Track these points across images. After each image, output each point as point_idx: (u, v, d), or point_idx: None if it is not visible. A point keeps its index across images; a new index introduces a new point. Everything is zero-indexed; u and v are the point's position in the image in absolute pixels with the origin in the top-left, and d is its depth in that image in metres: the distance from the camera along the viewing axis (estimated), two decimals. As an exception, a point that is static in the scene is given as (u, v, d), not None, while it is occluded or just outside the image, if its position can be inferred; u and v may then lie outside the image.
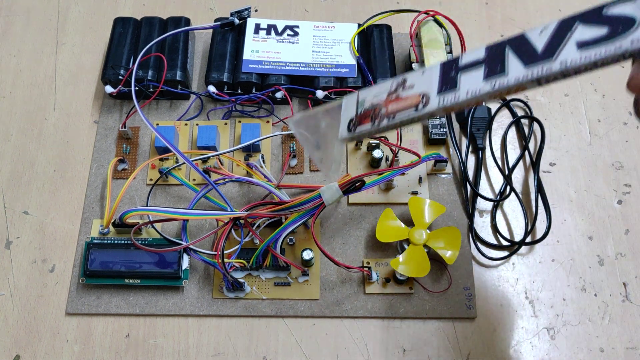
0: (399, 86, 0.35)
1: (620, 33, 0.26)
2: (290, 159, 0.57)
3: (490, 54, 0.31)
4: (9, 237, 0.54)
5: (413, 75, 0.35)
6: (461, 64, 0.32)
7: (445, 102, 0.32)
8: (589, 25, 0.28)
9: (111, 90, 0.57)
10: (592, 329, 0.50)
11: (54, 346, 0.50)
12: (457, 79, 0.32)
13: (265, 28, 0.60)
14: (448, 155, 0.57)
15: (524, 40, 0.30)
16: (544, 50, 0.29)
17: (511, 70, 0.30)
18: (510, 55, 0.30)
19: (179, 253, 0.50)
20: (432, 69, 0.34)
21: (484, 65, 0.31)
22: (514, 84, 0.30)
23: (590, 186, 0.56)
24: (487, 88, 0.30)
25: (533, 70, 0.29)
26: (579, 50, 0.28)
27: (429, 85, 0.33)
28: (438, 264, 0.52)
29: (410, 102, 0.34)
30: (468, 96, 0.31)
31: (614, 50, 0.27)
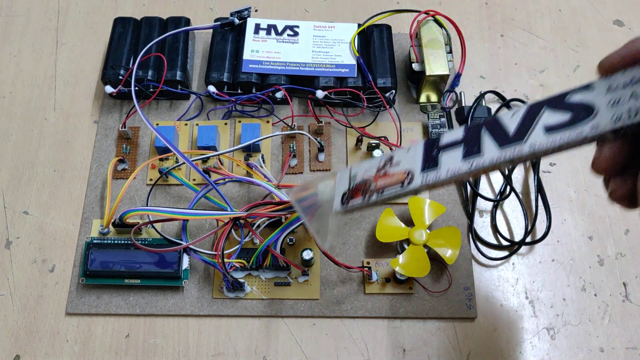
0: (387, 163, 0.38)
1: (581, 119, 0.29)
2: (290, 159, 0.57)
3: (468, 134, 0.34)
4: (9, 237, 0.54)
5: (399, 153, 0.38)
6: (442, 144, 0.35)
7: (427, 180, 0.35)
8: (554, 110, 0.30)
9: (111, 90, 0.57)
10: (592, 329, 0.50)
11: (54, 346, 0.50)
12: (439, 158, 0.35)
13: (265, 28, 0.60)
14: (448, 155, 0.57)
15: (497, 123, 0.32)
16: (515, 133, 0.31)
17: (486, 151, 0.32)
18: (486, 137, 0.32)
19: (179, 253, 0.50)
20: (416, 147, 0.37)
21: (463, 145, 0.34)
22: (489, 165, 0.32)
23: (590, 186, 0.56)
24: (465, 168, 0.33)
25: (506, 152, 0.31)
26: (546, 134, 0.30)
27: (414, 163, 0.36)
28: (438, 264, 0.52)
29: (397, 179, 0.37)
30: (448, 175, 0.34)
31: (576, 135, 0.29)
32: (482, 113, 0.57)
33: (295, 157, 0.57)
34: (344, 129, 0.58)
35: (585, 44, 0.63)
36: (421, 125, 0.58)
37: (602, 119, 0.28)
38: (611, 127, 0.28)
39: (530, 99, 0.60)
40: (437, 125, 0.57)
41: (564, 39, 0.64)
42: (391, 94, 0.57)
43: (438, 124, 0.57)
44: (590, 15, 0.65)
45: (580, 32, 0.64)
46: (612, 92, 0.28)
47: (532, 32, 0.65)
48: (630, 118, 0.27)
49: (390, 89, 0.57)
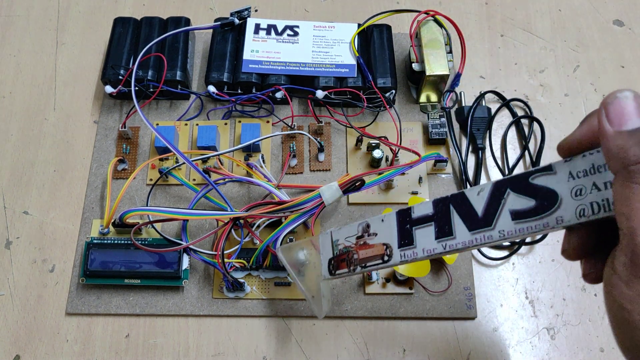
0: (364, 231, 0.39)
1: (546, 209, 0.29)
2: (290, 159, 0.57)
3: (437, 210, 0.35)
4: (9, 237, 0.54)
5: (374, 222, 0.39)
6: (414, 217, 0.36)
7: (406, 258, 0.36)
8: (519, 194, 0.30)
9: (111, 90, 0.57)
10: (592, 329, 0.50)
11: (54, 346, 0.50)
12: (413, 234, 0.36)
13: (265, 28, 0.60)
14: (448, 155, 0.57)
15: (465, 199, 0.33)
16: (483, 215, 0.32)
17: (458, 234, 0.33)
18: (455, 217, 0.33)
19: (179, 253, 0.50)
20: (389, 217, 0.38)
21: (434, 224, 0.35)
22: (462, 248, 0.33)
23: (590, 186, 0.56)
24: (440, 249, 0.34)
25: (477, 236, 0.32)
26: (513, 222, 0.30)
27: (390, 236, 0.37)
28: (438, 264, 0.52)
29: (377, 252, 0.38)
30: (425, 254, 0.35)
31: (542, 226, 0.29)
32: (482, 113, 0.57)
33: (295, 157, 0.57)
34: (344, 129, 0.58)
35: (585, 44, 0.63)
36: (421, 125, 0.58)
37: (567, 211, 0.28)
38: (576, 220, 0.28)
39: (530, 99, 0.60)
40: (437, 125, 0.57)
41: (564, 39, 0.64)
42: (391, 94, 0.57)
43: (438, 124, 0.57)
44: (590, 15, 0.65)
45: (580, 32, 0.64)
46: (574, 179, 0.28)
47: (532, 32, 0.65)
48: (594, 214, 0.27)
49: (390, 89, 0.57)
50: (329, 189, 0.48)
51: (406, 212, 0.37)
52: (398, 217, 0.37)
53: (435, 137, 0.56)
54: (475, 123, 0.57)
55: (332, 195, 0.48)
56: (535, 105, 0.60)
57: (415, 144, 0.57)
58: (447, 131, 0.57)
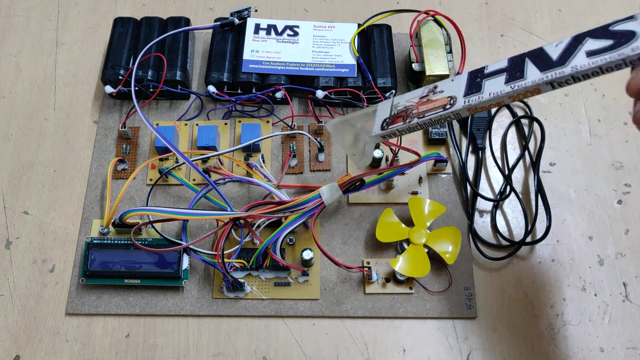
0: (430, 92, 0.41)
1: (623, 43, 0.31)
2: (290, 159, 0.57)
3: (512, 63, 0.36)
4: (9, 237, 0.54)
5: (443, 83, 0.41)
6: (487, 72, 0.38)
7: (470, 102, 0.37)
8: (597, 38, 0.33)
9: (111, 90, 0.57)
10: (592, 329, 0.50)
11: (54, 346, 0.50)
12: (482, 84, 0.37)
13: (265, 28, 0.60)
14: (448, 155, 0.57)
15: (542, 52, 0.35)
16: (558, 59, 0.34)
17: (529, 75, 0.35)
18: (529, 64, 0.35)
19: (179, 253, 0.50)
20: (460, 77, 0.40)
21: (506, 73, 0.36)
22: (531, 86, 0.34)
23: (590, 186, 0.56)
24: (507, 89, 0.36)
25: (548, 74, 0.34)
26: (588, 58, 0.32)
27: (457, 90, 0.39)
28: (438, 264, 0.52)
29: (440, 104, 0.39)
30: (490, 97, 0.36)
31: (617, 56, 0.31)
32: (482, 113, 0.57)
33: (295, 157, 0.57)
34: (344, 129, 0.58)
35: (585, 44, 0.63)
36: (421, 125, 0.58)
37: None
38: None
39: (531, 99, 0.60)
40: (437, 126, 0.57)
41: (564, 39, 0.64)
42: (391, 93, 0.57)
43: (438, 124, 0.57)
44: (590, 15, 0.65)
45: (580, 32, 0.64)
46: None
47: (532, 32, 0.65)
48: None
49: (390, 89, 0.57)
50: (329, 189, 0.48)
51: (479, 70, 0.38)
52: (470, 74, 0.39)
53: (435, 137, 0.56)
54: (475, 123, 0.57)
55: (332, 196, 0.48)
56: (535, 105, 0.60)
57: (415, 144, 0.57)
58: (447, 131, 0.57)
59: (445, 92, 0.39)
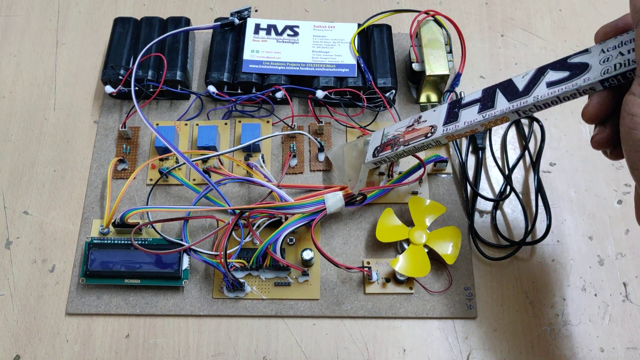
0: (415, 121, 0.45)
1: (577, 74, 0.35)
2: (291, 159, 0.57)
3: (485, 94, 0.40)
4: (9, 237, 0.54)
5: (427, 113, 0.45)
6: (463, 103, 0.42)
7: (447, 131, 0.42)
8: (556, 70, 0.36)
9: (111, 90, 0.57)
10: (592, 329, 0.50)
11: (54, 346, 0.50)
12: (459, 113, 0.42)
13: (265, 28, 0.60)
14: (448, 155, 0.57)
15: (510, 83, 0.39)
16: (523, 90, 0.37)
17: (498, 104, 0.39)
18: (499, 94, 0.39)
19: (179, 253, 0.50)
20: (441, 107, 0.44)
21: (479, 103, 0.40)
22: (499, 114, 0.38)
23: (590, 186, 0.56)
24: (479, 118, 0.40)
25: (514, 103, 0.38)
26: (547, 88, 0.36)
27: (438, 119, 0.43)
28: (438, 264, 0.52)
29: (422, 132, 0.44)
30: (465, 125, 0.41)
31: (571, 86, 0.35)
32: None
33: (295, 157, 0.57)
34: (344, 129, 0.58)
35: (585, 44, 0.63)
36: (421, 125, 0.58)
37: (593, 73, 0.34)
38: (600, 77, 0.33)
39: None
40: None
41: (564, 39, 0.64)
42: (391, 93, 0.57)
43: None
44: (590, 15, 0.65)
45: (580, 32, 0.64)
46: (604, 53, 0.34)
47: (532, 32, 0.65)
48: (616, 69, 0.33)
49: (390, 89, 0.57)
50: (334, 197, 0.49)
51: (457, 101, 0.42)
52: (449, 105, 0.43)
53: (458, 98, 0.56)
54: (475, 123, 0.57)
55: (335, 204, 0.49)
56: (535, 105, 0.60)
57: (415, 144, 0.57)
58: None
59: (428, 122, 0.44)
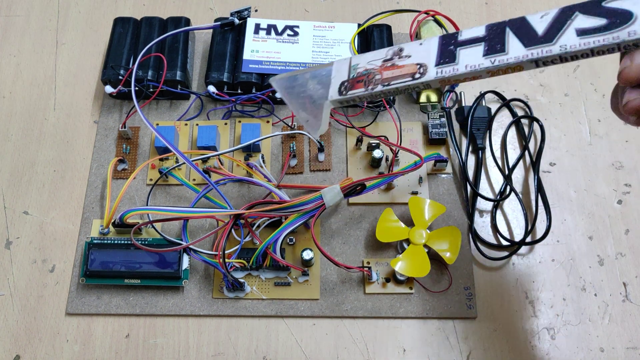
0: (395, 55, 0.36)
1: (618, 25, 0.28)
2: (290, 159, 0.57)
3: (491, 32, 0.32)
4: (9, 237, 0.54)
5: (410, 46, 0.36)
6: (460, 39, 0.33)
7: (443, 74, 0.33)
8: (588, 15, 0.29)
9: (111, 90, 0.57)
10: (592, 329, 0.50)
11: (54, 346, 0.50)
12: (456, 53, 0.33)
13: (265, 28, 0.60)
14: (448, 155, 0.57)
15: (524, 22, 0.31)
16: (545, 34, 0.30)
17: (511, 49, 0.31)
18: (511, 36, 0.31)
19: (179, 253, 0.50)
20: (430, 40, 0.35)
21: (484, 43, 0.32)
22: (514, 63, 0.31)
23: (590, 186, 0.56)
24: (487, 64, 0.32)
25: (533, 51, 0.30)
26: (578, 37, 0.29)
27: (427, 57, 0.34)
28: (438, 264, 0.52)
29: (407, 71, 0.35)
30: (467, 70, 0.32)
31: (611, 39, 0.28)
32: (482, 113, 0.57)
33: (295, 157, 0.57)
34: (344, 129, 0.58)
35: (585, 44, 0.63)
36: (421, 125, 0.58)
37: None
38: None
39: (530, 99, 0.60)
40: (437, 125, 0.57)
41: (564, 39, 0.64)
42: (391, 94, 0.57)
43: (438, 124, 0.57)
44: (590, 15, 0.65)
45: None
46: None
47: (532, 32, 0.65)
48: None
49: (390, 89, 0.57)
50: (331, 191, 0.49)
51: (452, 35, 0.34)
52: (441, 40, 0.34)
53: (435, 137, 0.56)
54: (475, 123, 0.57)
55: (333, 198, 0.48)
56: (535, 105, 0.60)
57: (415, 144, 0.57)
58: (447, 131, 0.57)
59: (414, 58, 0.35)
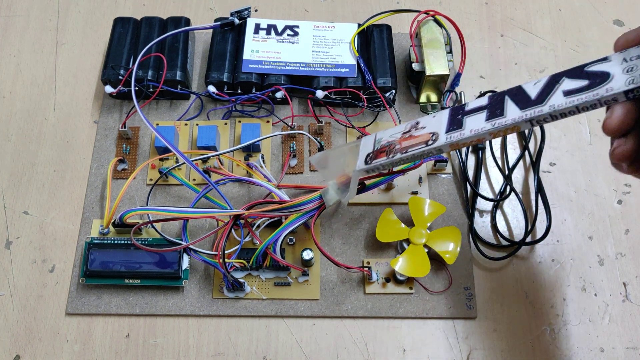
0: (412, 127, 0.41)
1: (598, 84, 0.32)
2: (290, 158, 0.57)
3: (492, 101, 0.37)
4: (9, 237, 0.54)
5: (425, 119, 0.41)
6: (467, 109, 0.38)
7: (452, 139, 0.38)
8: (573, 78, 0.33)
9: (111, 90, 0.57)
10: (592, 329, 0.50)
11: (54, 346, 0.50)
12: (463, 120, 0.38)
13: (265, 28, 0.60)
14: (448, 155, 0.57)
15: (520, 90, 0.35)
16: (536, 98, 0.34)
17: (509, 113, 0.35)
18: (509, 102, 0.36)
19: (179, 253, 0.50)
20: (442, 113, 0.40)
21: (486, 110, 0.37)
22: (511, 124, 0.35)
23: (590, 186, 0.56)
24: (488, 127, 0.36)
25: (527, 112, 0.34)
26: (564, 97, 0.33)
27: (439, 126, 0.39)
28: (438, 264, 0.52)
29: (422, 140, 0.40)
30: (472, 134, 0.37)
31: (592, 96, 0.32)
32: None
33: (295, 157, 0.57)
34: (344, 129, 0.58)
35: (585, 44, 0.63)
36: (421, 125, 0.58)
37: (617, 82, 0.31)
38: (624, 88, 0.30)
39: (530, 99, 0.60)
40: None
41: (564, 39, 0.64)
42: (391, 93, 0.57)
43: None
44: (590, 15, 0.65)
45: (580, 32, 0.64)
46: (627, 62, 0.31)
47: (532, 32, 0.65)
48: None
49: (390, 89, 0.57)
50: (331, 190, 0.48)
51: (460, 107, 0.39)
52: (451, 111, 0.39)
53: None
54: (475, 123, 0.57)
55: (333, 197, 0.48)
56: (535, 105, 0.60)
57: (415, 144, 0.57)
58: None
59: (427, 129, 0.40)
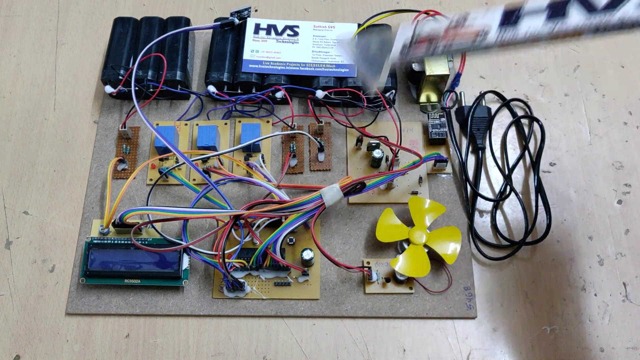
0: (459, 23, 0.37)
1: None
2: (290, 159, 0.57)
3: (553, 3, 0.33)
4: (9, 237, 0.54)
5: (475, 13, 0.37)
6: (524, 10, 0.34)
7: (503, 37, 0.34)
8: None
9: (111, 90, 0.57)
10: (592, 329, 0.50)
11: (54, 346, 0.50)
12: (519, 20, 0.34)
13: (265, 28, 0.60)
14: (448, 155, 0.57)
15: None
16: (606, 5, 0.31)
17: (572, 15, 0.32)
18: (575, 4, 0.32)
19: (179, 253, 0.50)
20: (494, 9, 0.36)
21: (547, 10, 0.33)
22: (572, 29, 0.32)
23: (590, 186, 0.56)
24: (546, 30, 0.33)
25: (593, 18, 0.31)
26: (638, 9, 0.30)
27: (490, 22, 0.35)
28: (438, 264, 0.52)
29: (470, 34, 0.36)
30: (527, 35, 0.33)
31: None
32: (482, 113, 0.57)
33: (295, 157, 0.57)
34: (344, 129, 0.58)
35: (585, 44, 0.63)
36: (421, 125, 0.58)
37: None
38: None
39: (530, 99, 0.60)
40: (437, 125, 0.57)
41: (564, 39, 0.64)
42: (391, 94, 0.57)
43: (438, 124, 0.57)
44: (590, 15, 0.65)
45: None
46: None
47: (532, 32, 0.65)
48: None
49: (390, 89, 0.57)
50: (330, 190, 0.48)
51: (516, 7, 0.35)
52: (505, 9, 0.36)
53: (435, 137, 0.56)
54: (475, 123, 0.57)
55: (332, 197, 0.48)
56: (535, 105, 0.60)
57: (415, 144, 0.57)
58: (447, 131, 0.57)
59: (477, 25, 0.36)
